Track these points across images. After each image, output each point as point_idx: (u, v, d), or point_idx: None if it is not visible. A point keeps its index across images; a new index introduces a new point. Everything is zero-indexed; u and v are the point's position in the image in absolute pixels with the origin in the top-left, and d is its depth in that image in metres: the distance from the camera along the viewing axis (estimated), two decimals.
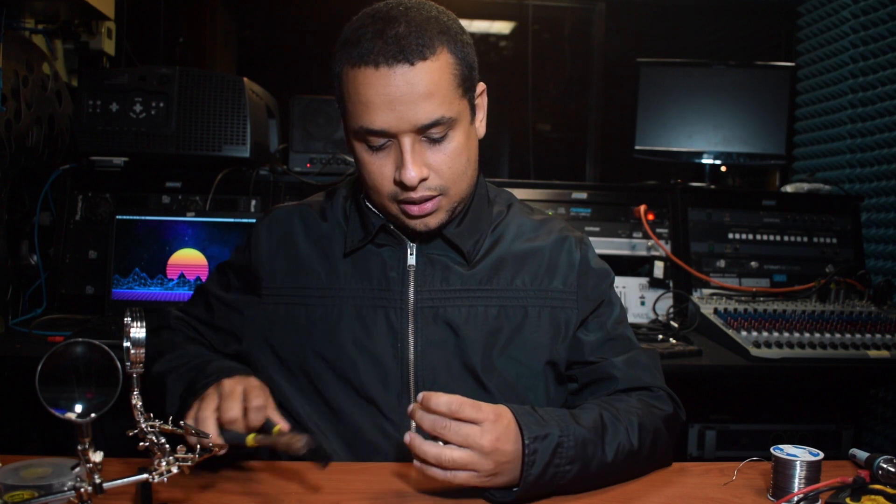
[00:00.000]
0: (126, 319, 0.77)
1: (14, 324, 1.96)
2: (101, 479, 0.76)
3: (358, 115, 1.00)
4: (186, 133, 2.12)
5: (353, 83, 0.99)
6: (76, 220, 2.16)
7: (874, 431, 2.45)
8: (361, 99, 0.99)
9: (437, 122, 0.99)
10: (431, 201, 1.04)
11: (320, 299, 1.14)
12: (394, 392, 1.11)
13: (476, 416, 0.88)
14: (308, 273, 1.15)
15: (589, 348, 1.16)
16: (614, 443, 0.98)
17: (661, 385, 1.15)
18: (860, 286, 2.26)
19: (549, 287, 1.16)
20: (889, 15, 2.36)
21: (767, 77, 2.59)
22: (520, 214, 1.22)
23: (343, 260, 1.15)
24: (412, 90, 0.97)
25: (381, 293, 1.12)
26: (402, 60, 0.96)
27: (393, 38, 0.96)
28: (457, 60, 1.02)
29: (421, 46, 0.97)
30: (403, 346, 1.11)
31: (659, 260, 2.31)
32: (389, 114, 0.98)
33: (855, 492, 0.94)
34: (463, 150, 1.05)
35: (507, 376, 1.13)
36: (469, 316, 1.12)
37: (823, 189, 2.51)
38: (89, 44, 2.36)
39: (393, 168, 1.02)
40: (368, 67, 0.97)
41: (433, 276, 1.13)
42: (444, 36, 1.00)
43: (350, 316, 1.12)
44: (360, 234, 1.14)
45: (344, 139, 2.30)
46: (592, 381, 1.15)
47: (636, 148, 2.59)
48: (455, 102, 1.02)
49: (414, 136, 1.00)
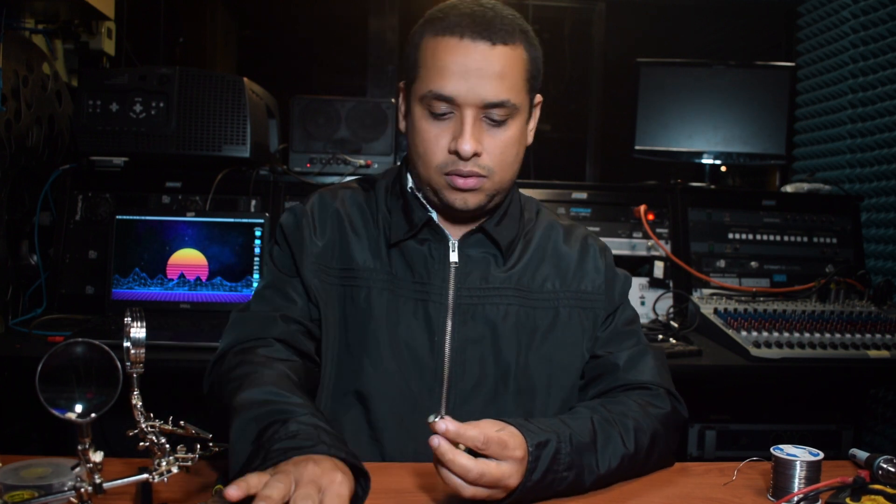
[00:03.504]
0: (126, 319, 0.77)
1: (14, 324, 1.96)
2: (101, 479, 0.76)
3: (430, 79, 1.05)
4: (186, 133, 2.12)
5: (433, 49, 1.05)
6: (76, 220, 2.16)
7: (874, 431, 2.45)
8: (438, 64, 1.04)
9: (503, 103, 1.04)
10: (476, 179, 1.07)
11: (365, 282, 1.15)
12: (426, 385, 1.13)
13: (502, 454, 0.88)
14: (354, 257, 1.16)
15: (599, 343, 1.20)
16: (608, 447, 0.99)
17: (661, 382, 1.15)
18: (860, 286, 2.26)
19: (578, 289, 1.20)
20: (889, 15, 2.36)
21: (767, 77, 2.59)
22: (548, 218, 1.26)
23: (386, 250, 1.16)
24: (488, 66, 1.03)
25: (422, 287, 1.14)
26: (485, 38, 1.03)
27: (481, 17, 1.04)
28: (530, 59, 1.09)
29: (504, 33, 1.04)
30: (440, 341, 1.13)
31: (659, 260, 2.31)
32: (461, 83, 1.03)
33: (855, 492, 0.94)
34: (516, 142, 1.09)
35: (538, 375, 1.15)
36: (507, 314, 1.15)
37: (823, 189, 2.51)
38: (89, 44, 2.36)
39: (449, 138, 1.06)
40: (453, 37, 1.04)
41: (473, 275, 1.15)
42: (525, 35, 1.08)
43: (390, 306, 1.14)
44: (405, 226, 1.15)
45: (343, 139, 2.31)
46: (597, 375, 1.18)
47: (636, 148, 2.59)
48: (522, 93, 1.08)
49: (477, 112, 1.05)
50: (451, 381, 1.13)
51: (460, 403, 1.12)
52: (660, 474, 1.07)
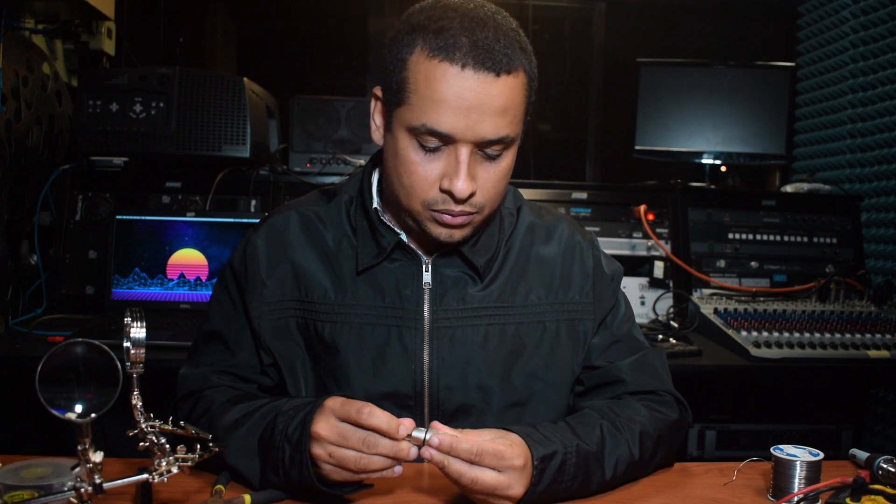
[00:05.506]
0: (126, 319, 0.77)
1: (14, 324, 1.96)
2: (101, 479, 0.76)
3: (424, 111, 0.93)
4: (186, 133, 2.12)
5: (429, 76, 0.92)
6: (76, 220, 2.16)
7: (874, 431, 2.45)
8: (435, 96, 0.92)
9: (502, 140, 0.95)
10: (466, 216, 0.99)
11: (327, 316, 1.07)
12: (407, 413, 1.07)
13: (499, 465, 0.87)
14: (313, 287, 1.09)
15: (596, 352, 1.15)
16: (614, 455, 0.98)
17: (668, 388, 1.13)
18: (860, 286, 2.26)
19: (564, 299, 1.13)
20: (889, 15, 2.36)
21: (767, 77, 2.59)
22: (529, 217, 1.17)
23: (353, 276, 1.08)
24: (490, 102, 0.92)
25: (394, 311, 1.07)
26: (489, 69, 0.91)
27: (483, 41, 0.91)
28: (529, 81, 0.98)
29: (508, 59, 0.92)
30: (418, 368, 1.06)
31: (659, 260, 2.31)
32: (460, 119, 0.92)
33: (855, 492, 0.94)
34: (509, 172, 1.01)
35: (525, 394, 1.11)
36: (487, 336, 1.08)
37: (823, 189, 2.51)
38: (89, 44, 2.36)
39: (440, 174, 0.96)
40: (454, 66, 0.91)
41: (449, 295, 1.08)
42: (524, 53, 0.96)
43: (360, 335, 1.07)
44: (374, 250, 1.07)
45: (342, 139, 2.31)
46: (599, 385, 1.14)
47: (636, 148, 2.59)
48: (520, 124, 0.99)
49: (473, 148, 0.95)
50: (432, 407, 1.07)
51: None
52: (660, 474, 1.07)
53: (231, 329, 1.13)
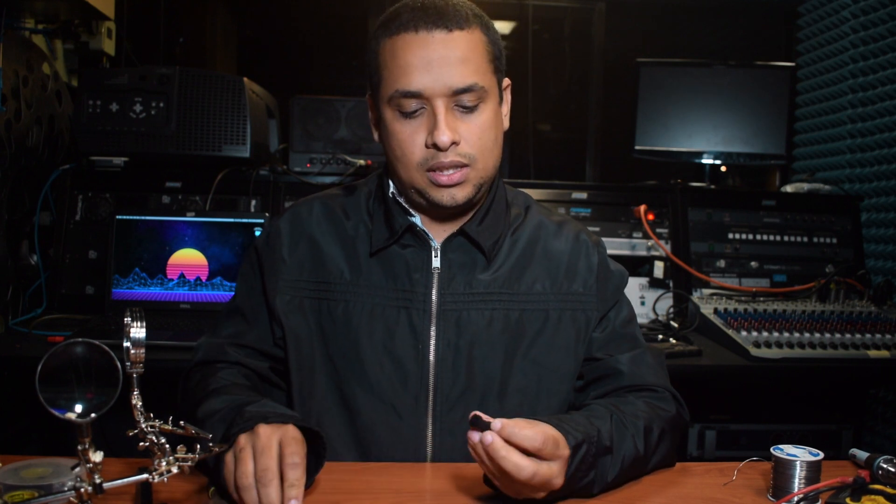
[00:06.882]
0: (126, 319, 0.77)
1: (14, 324, 1.96)
2: (101, 479, 0.76)
3: (395, 79, 1.03)
4: (186, 133, 2.12)
5: (392, 50, 1.04)
6: (76, 220, 2.16)
7: (874, 431, 2.45)
8: (399, 63, 1.03)
9: (471, 87, 1.03)
10: (460, 171, 1.05)
11: (342, 295, 1.14)
12: (412, 393, 1.11)
13: (554, 454, 0.86)
14: (331, 269, 1.15)
15: (596, 345, 1.17)
16: (622, 450, 0.99)
17: (666, 385, 1.15)
18: (860, 286, 2.26)
19: (569, 290, 1.17)
20: (889, 15, 2.36)
21: (767, 77, 2.59)
22: (538, 216, 1.22)
23: (367, 259, 1.15)
24: (449, 52, 1.02)
25: (404, 294, 1.12)
26: (440, 26, 1.02)
27: (432, 8, 1.03)
28: (489, 41, 1.08)
29: (458, 18, 1.03)
30: (425, 348, 1.11)
31: (659, 260, 2.31)
32: (426, 75, 1.01)
33: (855, 492, 0.94)
34: (492, 126, 1.07)
35: (527, 380, 1.13)
36: (492, 320, 1.13)
37: (823, 189, 2.51)
38: (89, 44, 2.36)
39: (424, 134, 1.04)
40: (408, 33, 1.02)
41: (457, 280, 1.13)
42: (479, 18, 1.07)
43: (372, 315, 1.12)
44: (386, 233, 1.14)
45: (342, 139, 2.31)
46: (597, 378, 1.16)
47: (636, 148, 2.59)
48: (488, 75, 1.06)
49: (447, 101, 1.03)
50: (436, 388, 1.11)
51: (446, 411, 1.11)
52: (660, 474, 1.07)
53: (250, 304, 1.20)
